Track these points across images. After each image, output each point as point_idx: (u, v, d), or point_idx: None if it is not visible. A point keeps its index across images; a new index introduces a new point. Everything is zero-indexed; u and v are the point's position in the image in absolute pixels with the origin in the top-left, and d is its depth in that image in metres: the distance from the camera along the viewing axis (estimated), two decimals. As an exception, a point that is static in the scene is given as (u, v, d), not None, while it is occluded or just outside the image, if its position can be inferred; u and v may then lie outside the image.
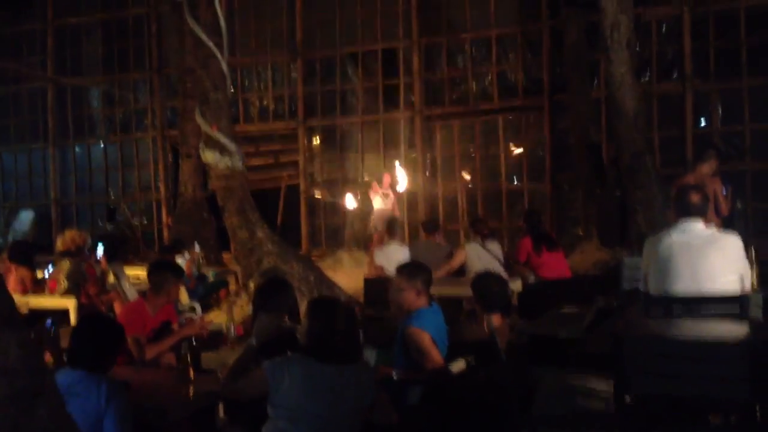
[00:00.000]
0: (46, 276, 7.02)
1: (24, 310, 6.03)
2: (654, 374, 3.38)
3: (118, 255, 9.75)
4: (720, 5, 11.02)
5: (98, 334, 3.35)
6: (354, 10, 13.15)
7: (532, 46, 12.24)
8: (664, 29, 11.48)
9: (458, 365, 4.02)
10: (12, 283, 6.78)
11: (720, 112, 11.29)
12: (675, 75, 11.37)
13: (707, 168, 7.42)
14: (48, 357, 3.93)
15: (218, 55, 8.14)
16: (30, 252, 7.45)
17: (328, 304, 3.50)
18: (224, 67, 8.26)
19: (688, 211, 4.20)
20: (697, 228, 4.17)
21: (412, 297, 4.18)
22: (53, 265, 7.04)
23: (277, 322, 3.64)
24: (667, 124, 11.37)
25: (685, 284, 4.05)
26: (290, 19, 13.50)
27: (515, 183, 12.51)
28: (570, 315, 5.77)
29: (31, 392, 1.71)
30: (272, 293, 4.33)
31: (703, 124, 11.43)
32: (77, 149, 15.51)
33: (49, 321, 3.92)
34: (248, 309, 5.61)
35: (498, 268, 7.25)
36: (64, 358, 3.45)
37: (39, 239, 13.64)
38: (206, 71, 8.35)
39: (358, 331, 3.50)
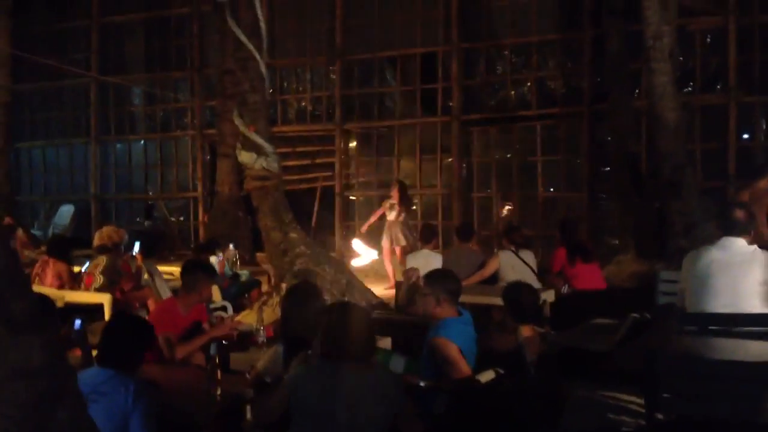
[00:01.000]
0: (83, 271, 7.12)
1: (60, 304, 6.12)
2: (687, 393, 3.31)
3: (155, 252, 9.89)
4: (766, 16, 10.77)
5: (128, 334, 3.37)
6: (394, 13, 13.12)
7: (572, 54, 12.10)
8: (708, 40, 11.27)
9: (487, 376, 3.98)
10: (49, 278, 6.90)
11: (764, 125, 11.05)
12: (719, 86, 11.15)
13: (765, 183, 7.26)
14: (77, 352, 3.98)
15: (257, 56, 8.17)
16: (68, 247, 7.58)
17: (340, 305, 3.49)
18: (263, 68, 8.29)
19: (731, 228, 4.15)
20: (739, 245, 4.09)
21: (431, 304, 4.15)
22: (90, 261, 7.14)
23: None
24: (710, 136, 11.13)
25: (723, 301, 3.98)
26: (330, 22, 13.52)
27: (551, 191, 12.39)
28: (603, 327, 5.69)
29: (53, 395, 1.71)
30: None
31: (746, 136, 11.19)
32: (118, 146, 15.76)
33: (78, 322, 3.95)
34: (278, 311, 5.62)
35: (531, 277, 7.19)
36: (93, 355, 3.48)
37: (78, 234, 13.85)
38: (245, 73, 8.38)
39: (372, 332, 3.46)
